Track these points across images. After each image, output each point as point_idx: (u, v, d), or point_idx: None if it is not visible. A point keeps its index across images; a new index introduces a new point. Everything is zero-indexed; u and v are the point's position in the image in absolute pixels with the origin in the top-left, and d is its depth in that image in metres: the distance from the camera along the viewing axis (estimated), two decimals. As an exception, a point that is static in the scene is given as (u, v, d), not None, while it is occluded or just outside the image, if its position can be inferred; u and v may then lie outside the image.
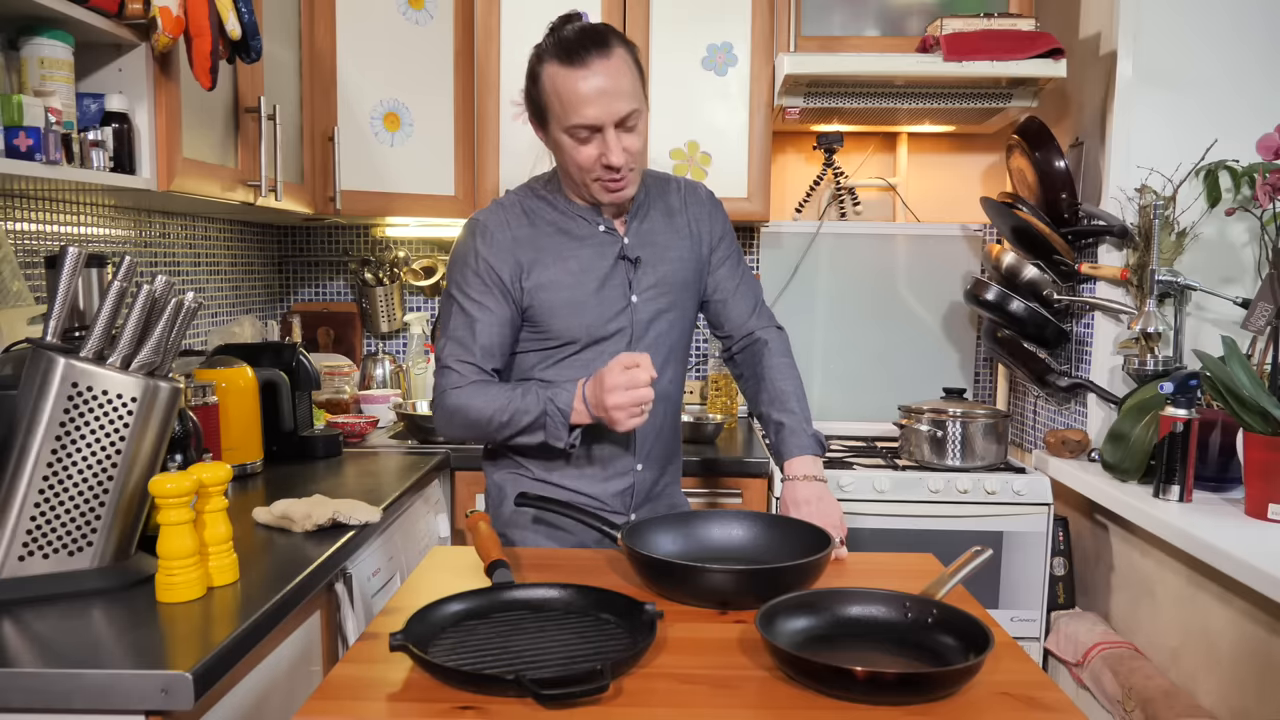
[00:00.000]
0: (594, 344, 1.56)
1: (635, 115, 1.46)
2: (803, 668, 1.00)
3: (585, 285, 1.55)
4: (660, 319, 1.61)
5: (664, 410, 1.63)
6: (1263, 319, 1.96)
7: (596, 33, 1.45)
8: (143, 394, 1.31)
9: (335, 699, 0.98)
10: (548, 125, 1.51)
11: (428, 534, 2.18)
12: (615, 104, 1.43)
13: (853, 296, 2.89)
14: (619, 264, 1.57)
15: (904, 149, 2.94)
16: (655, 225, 1.62)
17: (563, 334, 1.55)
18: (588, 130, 1.45)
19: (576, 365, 1.56)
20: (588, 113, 1.43)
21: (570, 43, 1.43)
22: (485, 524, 1.39)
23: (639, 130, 1.48)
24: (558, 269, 1.54)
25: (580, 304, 1.54)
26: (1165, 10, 2.20)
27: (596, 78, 1.42)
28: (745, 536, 1.43)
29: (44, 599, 1.27)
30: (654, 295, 1.59)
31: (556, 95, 1.45)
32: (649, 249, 1.60)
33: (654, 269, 1.60)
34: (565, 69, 1.43)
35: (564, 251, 1.55)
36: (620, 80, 1.44)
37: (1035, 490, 2.29)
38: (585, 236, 1.57)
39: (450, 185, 2.63)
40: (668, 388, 1.63)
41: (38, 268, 1.81)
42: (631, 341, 1.58)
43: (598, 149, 1.46)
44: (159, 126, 1.68)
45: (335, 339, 2.99)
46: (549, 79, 1.46)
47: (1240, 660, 1.67)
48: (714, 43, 2.57)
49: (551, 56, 1.45)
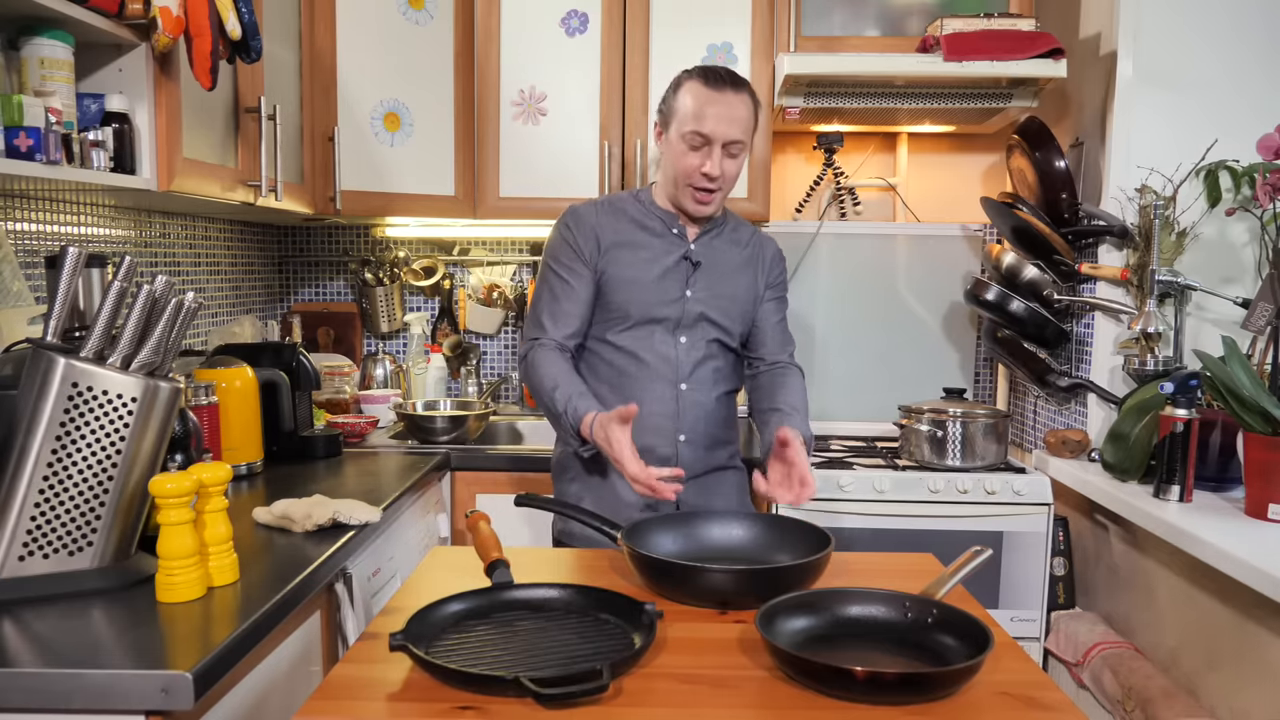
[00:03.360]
0: (645, 323, 1.80)
1: (740, 147, 1.74)
2: (803, 668, 1.00)
3: (649, 271, 1.80)
4: (706, 319, 1.82)
5: (707, 391, 1.84)
6: (1263, 319, 1.96)
7: (738, 77, 1.75)
8: (143, 394, 1.31)
9: (335, 699, 0.98)
10: (669, 127, 1.77)
11: (428, 534, 2.18)
12: (731, 128, 1.71)
13: (853, 296, 2.89)
14: (681, 263, 1.82)
15: (904, 149, 2.94)
16: (722, 245, 1.86)
17: (621, 306, 1.79)
18: (701, 139, 1.71)
19: (629, 337, 1.80)
20: (707, 124, 1.70)
21: (714, 72, 1.73)
22: (485, 524, 1.38)
23: (738, 160, 1.76)
24: (629, 252, 1.80)
25: (641, 284, 1.79)
26: (1165, 10, 2.20)
27: (725, 102, 1.71)
28: (745, 536, 1.43)
29: (44, 599, 1.27)
30: (706, 297, 1.82)
31: (686, 104, 1.72)
32: (710, 258, 1.84)
33: (711, 276, 1.83)
34: (704, 87, 1.72)
35: (638, 240, 1.81)
36: (741, 113, 1.72)
37: (1035, 490, 2.29)
38: (659, 234, 1.83)
39: (450, 185, 2.63)
40: (710, 374, 1.84)
41: (38, 268, 1.81)
42: (679, 326, 1.81)
43: (701, 159, 1.72)
44: (159, 126, 1.68)
45: (335, 339, 2.99)
46: (687, 89, 1.74)
47: (1240, 660, 1.67)
48: (714, 43, 2.57)
49: (696, 76, 1.74)
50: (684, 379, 1.81)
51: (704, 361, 1.83)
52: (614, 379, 1.81)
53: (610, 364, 1.82)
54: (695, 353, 1.82)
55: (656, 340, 1.80)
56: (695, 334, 1.82)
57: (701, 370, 1.83)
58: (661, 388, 1.80)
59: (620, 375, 1.81)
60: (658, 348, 1.80)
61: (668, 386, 1.81)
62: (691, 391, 1.82)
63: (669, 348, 1.81)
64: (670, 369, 1.81)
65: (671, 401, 1.81)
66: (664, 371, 1.80)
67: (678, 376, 1.81)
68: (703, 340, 1.83)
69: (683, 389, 1.81)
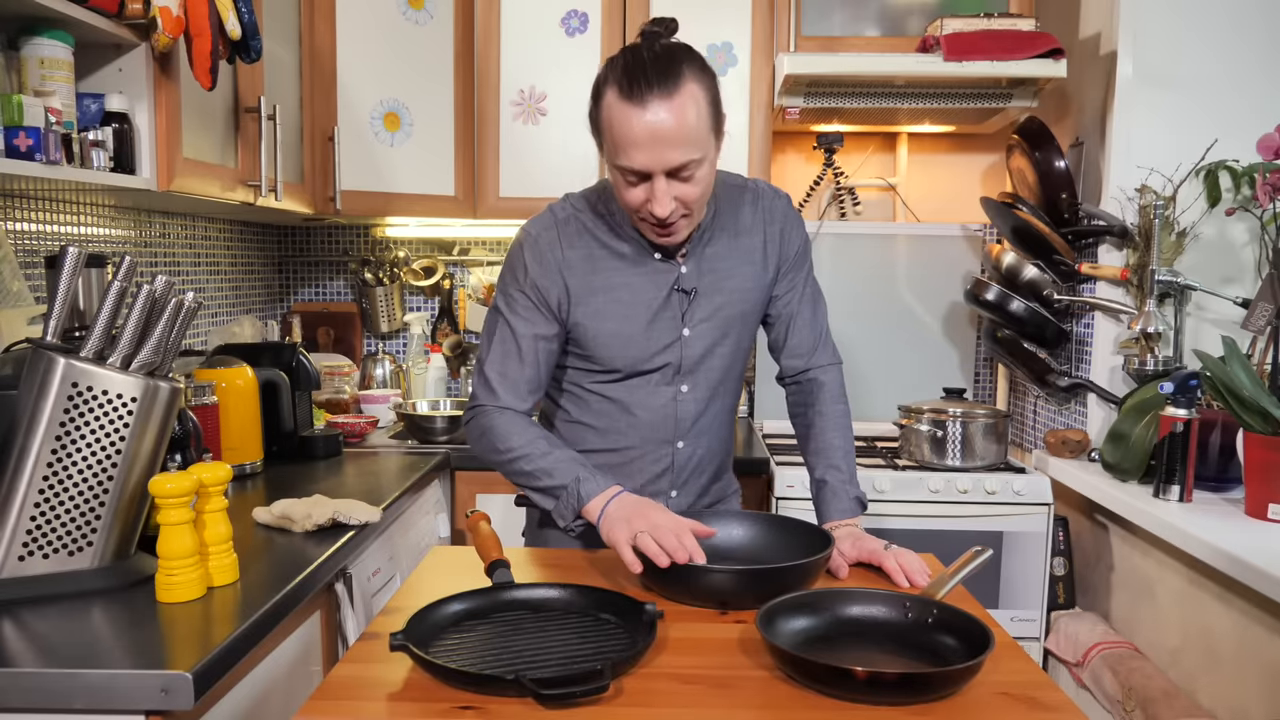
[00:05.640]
0: (637, 375, 1.50)
1: (692, 164, 1.30)
2: (803, 668, 1.00)
3: (635, 317, 1.46)
4: (712, 354, 1.51)
5: (708, 444, 1.57)
6: (1263, 319, 1.96)
7: (668, 61, 1.28)
8: (143, 394, 1.31)
9: (335, 699, 0.98)
10: (601, 146, 1.37)
11: (428, 534, 2.18)
12: (668, 153, 1.28)
13: (853, 296, 2.89)
14: (674, 295, 1.47)
15: (904, 149, 2.94)
16: (719, 250, 1.50)
17: (606, 363, 1.49)
18: (635, 175, 1.32)
19: (619, 389, 1.51)
20: (636, 157, 1.29)
21: (635, 73, 1.27)
22: (485, 524, 1.38)
23: (698, 179, 1.33)
24: (606, 298, 1.45)
25: (627, 337, 1.46)
26: (1165, 10, 2.20)
27: (654, 119, 1.26)
28: (745, 536, 1.43)
29: (44, 599, 1.27)
30: (708, 329, 1.50)
31: (610, 127, 1.31)
32: (708, 278, 1.49)
33: (710, 300, 1.49)
34: (622, 102, 1.28)
35: (615, 279, 1.46)
36: (681, 122, 1.27)
37: (1035, 490, 2.29)
38: (640, 262, 1.46)
39: (450, 185, 2.63)
40: (711, 422, 1.56)
41: (38, 268, 1.81)
42: (679, 373, 1.50)
43: (644, 194, 1.33)
44: (159, 126, 1.68)
45: (335, 339, 2.99)
46: (606, 106, 1.31)
47: (1240, 660, 1.67)
48: (714, 43, 2.57)
49: (614, 81, 1.29)
50: (683, 437, 1.53)
51: (708, 407, 1.54)
52: (600, 424, 1.53)
53: (594, 409, 1.53)
54: (698, 405, 1.52)
55: (650, 393, 1.50)
56: (699, 378, 1.51)
57: (704, 421, 1.54)
58: (654, 447, 1.53)
59: (610, 422, 1.53)
60: (651, 401, 1.50)
61: (661, 445, 1.53)
62: (689, 447, 1.54)
63: (665, 399, 1.51)
64: (666, 427, 1.52)
65: (665, 460, 1.53)
66: (659, 431, 1.52)
67: (675, 435, 1.52)
68: (706, 384, 1.52)
69: (679, 446, 1.53)
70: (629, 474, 1.53)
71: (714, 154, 1.36)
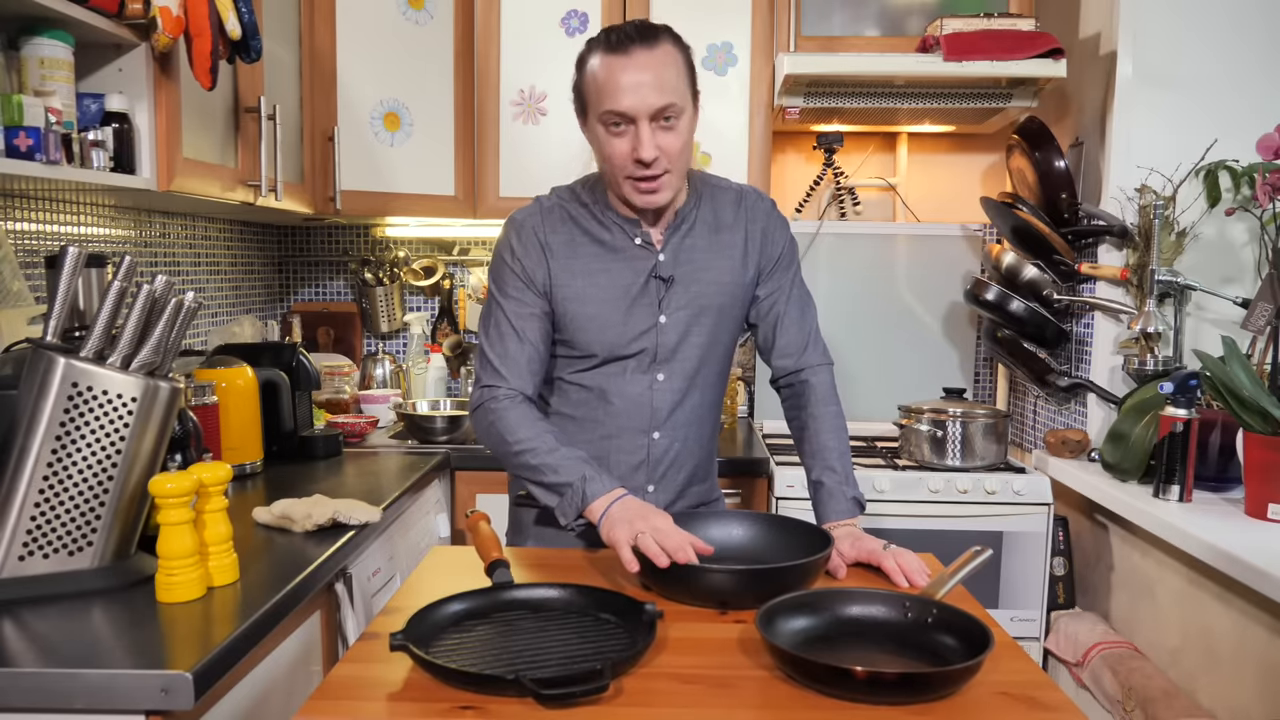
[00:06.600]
0: (614, 360, 1.53)
1: (674, 110, 1.40)
2: (803, 668, 1.00)
3: (613, 302, 1.51)
4: (687, 341, 1.54)
5: (685, 437, 1.58)
6: (1263, 319, 1.96)
7: (648, 27, 1.42)
8: (143, 394, 1.31)
9: (335, 699, 0.98)
10: (587, 115, 1.47)
11: (428, 534, 2.18)
12: (653, 95, 1.38)
13: (853, 297, 2.89)
14: (651, 282, 1.52)
15: (904, 149, 2.94)
16: (697, 241, 1.55)
17: (583, 347, 1.52)
18: (620, 119, 1.40)
19: (596, 376, 1.54)
20: (622, 100, 1.38)
21: (618, 32, 1.42)
22: (485, 524, 1.38)
23: (679, 130, 1.42)
24: (586, 282, 1.51)
25: (605, 321, 1.51)
26: (1165, 10, 2.20)
27: (637, 67, 1.38)
28: (745, 536, 1.43)
29: (44, 599, 1.27)
30: (684, 317, 1.53)
31: (595, 81, 1.41)
32: (685, 267, 1.53)
33: (687, 289, 1.53)
34: (607, 55, 1.40)
35: (594, 264, 1.51)
36: (663, 73, 1.39)
37: (1035, 490, 2.29)
38: (620, 249, 1.52)
39: (450, 185, 2.63)
40: (688, 416, 1.57)
41: (38, 268, 1.81)
42: (655, 361, 1.53)
43: (629, 142, 1.41)
44: (159, 126, 1.68)
45: (335, 339, 2.99)
46: (591, 65, 1.43)
47: (1240, 660, 1.67)
48: (714, 43, 2.57)
49: (599, 46, 1.42)
50: (658, 427, 1.55)
51: (685, 398, 1.56)
52: (578, 414, 1.57)
53: (572, 399, 1.57)
54: (674, 395, 1.55)
55: (627, 380, 1.53)
56: (674, 367, 1.54)
57: (680, 413, 1.56)
58: (630, 437, 1.55)
59: (588, 411, 1.56)
60: (628, 389, 1.54)
61: (637, 435, 1.55)
62: (665, 438, 1.56)
63: (641, 388, 1.54)
64: (642, 415, 1.54)
65: (641, 451, 1.56)
66: (635, 420, 1.54)
67: (651, 424, 1.55)
68: (683, 373, 1.55)
69: (655, 437, 1.56)
70: (605, 465, 1.53)
71: (692, 114, 1.46)
